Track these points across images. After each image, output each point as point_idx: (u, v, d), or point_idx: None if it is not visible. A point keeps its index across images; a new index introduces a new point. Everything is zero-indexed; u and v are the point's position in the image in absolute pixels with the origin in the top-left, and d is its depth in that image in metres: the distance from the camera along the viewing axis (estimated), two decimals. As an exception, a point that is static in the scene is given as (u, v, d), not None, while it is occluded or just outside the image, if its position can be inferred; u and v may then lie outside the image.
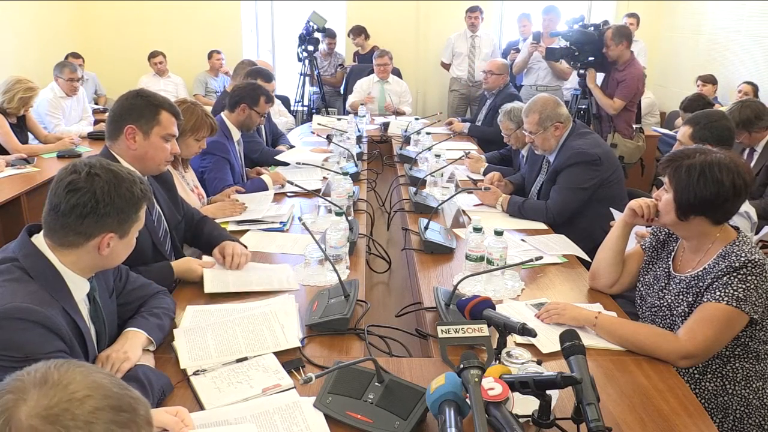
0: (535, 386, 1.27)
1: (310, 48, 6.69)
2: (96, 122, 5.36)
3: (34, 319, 1.30)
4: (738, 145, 3.61)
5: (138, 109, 2.05)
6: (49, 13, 6.86)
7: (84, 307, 1.50)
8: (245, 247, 2.30)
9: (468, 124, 5.17)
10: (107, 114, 2.11)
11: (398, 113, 5.65)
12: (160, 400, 1.45)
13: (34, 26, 6.58)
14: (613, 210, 2.53)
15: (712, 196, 1.72)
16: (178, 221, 2.31)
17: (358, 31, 7.25)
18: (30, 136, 4.50)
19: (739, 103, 3.65)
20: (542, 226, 2.84)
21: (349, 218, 2.58)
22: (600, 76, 4.86)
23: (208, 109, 2.95)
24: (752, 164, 3.54)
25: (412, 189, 3.17)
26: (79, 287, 1.47)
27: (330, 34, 7.18)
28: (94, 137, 4.87)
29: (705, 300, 1.71)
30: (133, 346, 1.56)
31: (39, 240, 1.44)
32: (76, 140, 4.50)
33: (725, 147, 2.44)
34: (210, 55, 7.18)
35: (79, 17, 7.38)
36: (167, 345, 1.70)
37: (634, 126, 4.94)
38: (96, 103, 6.70)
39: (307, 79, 6.95)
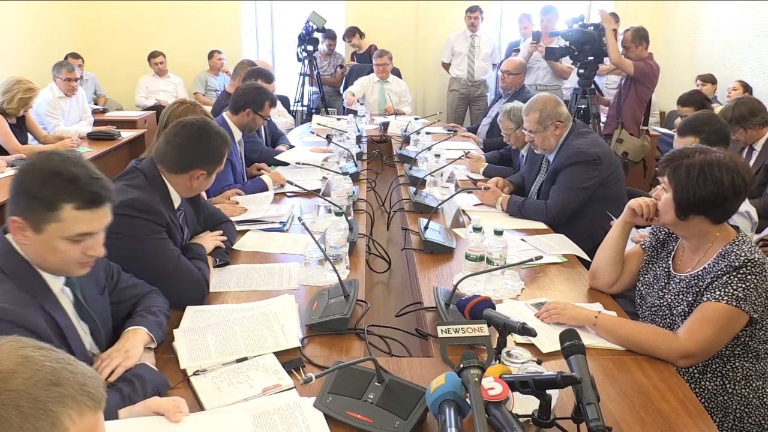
0: (535, 386, 1.27)
1: (310, 48, 6.69)
2: (95, 122, 5.36)
3: (9, 319, 1.28)
4: (737, 144, 3.62)
5: (212, 154, 2.07)
6: (48, 14, 6.86)
7: (67, 302, 1.48)
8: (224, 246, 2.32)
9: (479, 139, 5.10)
10: (171, 140, 2.03)
11: (398, 114, 5.65)
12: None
13: (33, 26, 6.58)
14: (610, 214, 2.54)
15: (712, 196, 1.72)
16: (198, 232, 2.32)
17: (352, 32, 7.25)
18: (30, 136, 4.50)
19: (734, 101, 3.67)
20: (542, 225, 2.84)
21: (349, 218, 2.58)
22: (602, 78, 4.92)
23: (208, 108, 2.95)
24: (751, 163, 3.55)
25: (412, 189, 3.16)
26: (54, 280, 1.45)
27: (330, 36, 7.18)
28: (93, 137, 4.87)
29: (705, 299, 1.71)
30: (134, 345, 1.56)
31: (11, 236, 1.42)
32: (76, 140, 4.50)
33: (723, 145, 2.46)
34: (211, 55, 7.17)
35: (79, 17, 7.38)
36: (167, 345, 1.70)
37: (641, 128, 4.98)
38: (95, 104, 6.70)
39: (306, 79, 6.95)
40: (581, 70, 5.05)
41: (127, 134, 5.08)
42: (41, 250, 1.40)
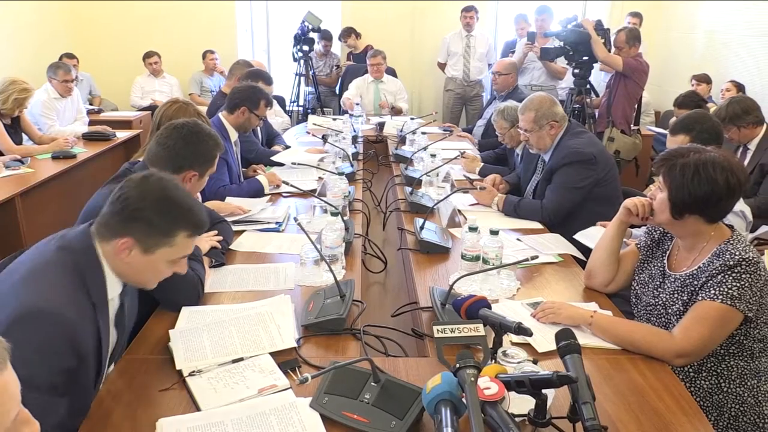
0: (531, 385, 1.27)
1: (306, 48, 6.68)
2: (90, 123, 5.34)
3: (65, 336, 1.32)
4: (731, 143, 3.63)
5: (204, 156, 2.08)
6: (44, 14, 6.84)
7: (112, 311, 1.52)
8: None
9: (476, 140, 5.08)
10: (162, 142, 2.03)
11: (395, 109, 5.63)
12: None
13: (29, 27, 6.56)
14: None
15: (707, 195, 1.73)
16: None
17: (348, 33, 7.25)
18: (24, 137, 4.49)
19: (728, 99, 3.69)
20: (538, 225, 2.84)
21: (345, 218, 2.58)
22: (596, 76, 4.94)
23: (203, 109, 2.94)
24: (746, 162, 3.56)
25: (408, 189, 3.16)
26: (112, 288, 1.50)
27: (326, 36, 7.17)
28: (88, 138, 4.85)
29: (700, 298, 1.72)
30: None
31: None
32: (71, 141, 4.49)
33: (716, 144, 2.47)
34: (204, 55, 7.17)
35: (75, 18, 7.36)
36: (163, 346, 1.70)
37: (633, 126, 5.01)
38: (90, 104, 6.68)
39: (302, 79, 6.95)
40: (576, 70, 5.07)
41: (122, 134, 5.07)
42: (140, 267, 1.48)
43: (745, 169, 1.87)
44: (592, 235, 2.47)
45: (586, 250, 2.36)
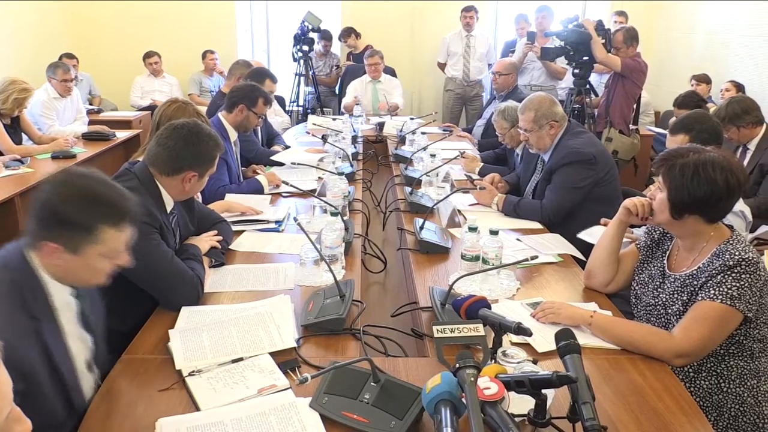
0: (531, 385, 1.27)
1: (305, 48, 6.68)
2: (90, 123, 5.34)
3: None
4: (731, 143, 3.63)
5: (204, 157, 2.07)
6: (44, 14, 6.84)
7: (70, 315, 1.49)
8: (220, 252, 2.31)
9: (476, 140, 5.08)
10: (163, 142, 2.03)
11: (391, 106, 5.62)
12: None
13: (29, 27, 6.56)
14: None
15: (706, 195, 1.73)
16: (192, 232, 2.32)
17: (348, 33, 7.26)
18: (24, 137, 4.49)
19: (728, 99, 3.69)
20: (537, 225, 2.84)
21: (345, 218, 2.58)
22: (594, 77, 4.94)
23: (203, 109, 2.94)
24: (745, 162, 3.56)
25: (408, 189, 3.17)
26: (60, 294, 1.46)
27: (326, 36, 7.18)
28: (88, 138, 4.85)
29: (699, 298, 1.72)
30: None
31: None
32: (71, 141, 4.49)
33: (716, 144, 2.47)
34: (204, 55, 7.17)
35: (74, 18, 7.35)
36: (163, 345, 1.70)
37: (631, 126, 5.01)
38: (90, 104, 6.68)
39: (302, 79, 6.94)
40: (576, 70, 5.07)
41: (122, 134, 5.07)
42: (75, 268, 1.43)
43: (744, 169, 1.87)
44: (596, 234, 2.47)
45: (585, 250, 2.36)
